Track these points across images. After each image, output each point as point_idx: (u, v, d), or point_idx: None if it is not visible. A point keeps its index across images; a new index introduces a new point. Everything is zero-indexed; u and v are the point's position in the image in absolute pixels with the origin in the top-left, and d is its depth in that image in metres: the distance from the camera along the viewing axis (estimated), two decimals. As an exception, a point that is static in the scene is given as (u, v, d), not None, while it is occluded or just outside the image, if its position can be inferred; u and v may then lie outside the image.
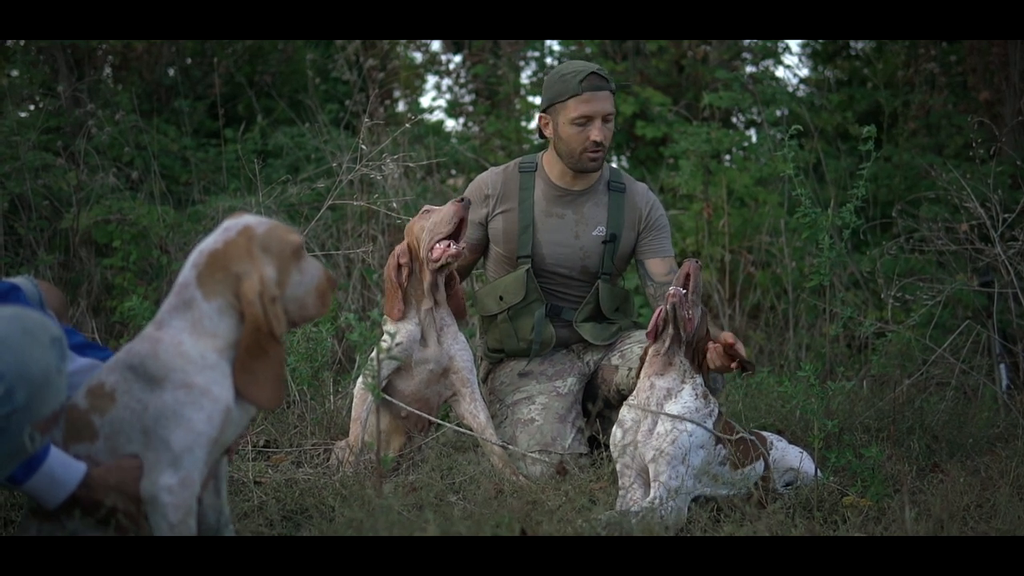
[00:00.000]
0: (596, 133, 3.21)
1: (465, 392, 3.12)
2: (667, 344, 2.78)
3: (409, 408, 3.07)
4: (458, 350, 3.13)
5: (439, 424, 3.14)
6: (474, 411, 3.11)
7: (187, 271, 2.02)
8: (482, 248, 3.45)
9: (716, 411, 2.79)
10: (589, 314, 3.35)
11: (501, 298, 3.31)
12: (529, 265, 3.29)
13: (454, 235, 3.05)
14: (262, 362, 1.99)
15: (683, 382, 2.79)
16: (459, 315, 3.19)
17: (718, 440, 2.76)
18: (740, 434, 2.84)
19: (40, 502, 1.97)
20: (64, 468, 1.95)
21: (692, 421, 2.71)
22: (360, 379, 3.09)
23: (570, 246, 3.33)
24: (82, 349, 2.21)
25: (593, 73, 3.22)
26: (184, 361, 1.96)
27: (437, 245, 3.04)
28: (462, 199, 3.06)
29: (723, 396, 3.50)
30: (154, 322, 2.02)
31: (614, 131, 3.34)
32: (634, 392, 2.85)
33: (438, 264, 3.05)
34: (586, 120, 3.21)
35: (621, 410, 2.85)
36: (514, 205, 3.35)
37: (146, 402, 1.95)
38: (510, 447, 3.13)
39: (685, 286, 2.79)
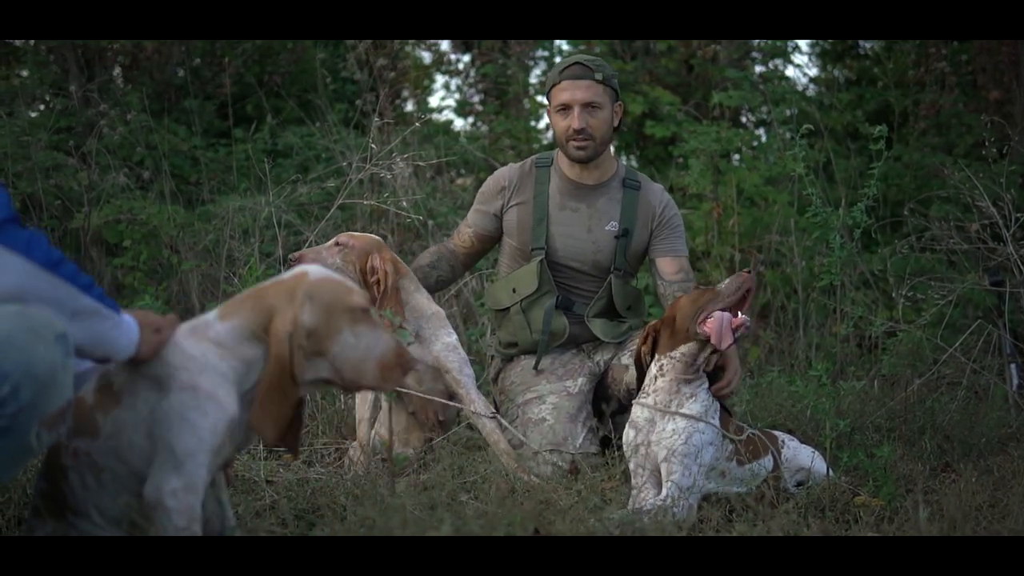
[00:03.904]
0: (574, 120, 3.25)
1: (461, 394, 3.09)
2: (706, 357, 2.81)
3: (418, 392, 3.06)
4: (441, 350, 3.09)
5: (455, 407, 3.12)
6: (475, 413, 3.09)
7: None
8: (492, 240, 3.47)
9: (718, 406, 2.83)
10: (601, 310, 3.35)
11: (514, 290, 3.32)
12: (543, 256, 3.30)
13: None
14: (276, 401, 1.97)
15: (700, 384, 2.83)
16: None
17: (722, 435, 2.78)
18: (747, 432, 2.85)
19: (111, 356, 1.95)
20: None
21: (702, 420, 2.72)
22: None
23: (583, 239, 3.33)
24: None
25: (577, 63, 3.27)
26: (185, 359, 1.96)
27: None
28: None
29: (733, 396, 3.50)
30: None
31: (614, 125, 3.34)
32: (648, 388, 2.83)
33: None
34: (565, 108, 3.27)
35: (633, 409, 2.85)
36: (529, 198, 3.36)
37: (152, 404, 1.95)
38: (523, 439, 3.11)
39: (742, 301, 2.79)
